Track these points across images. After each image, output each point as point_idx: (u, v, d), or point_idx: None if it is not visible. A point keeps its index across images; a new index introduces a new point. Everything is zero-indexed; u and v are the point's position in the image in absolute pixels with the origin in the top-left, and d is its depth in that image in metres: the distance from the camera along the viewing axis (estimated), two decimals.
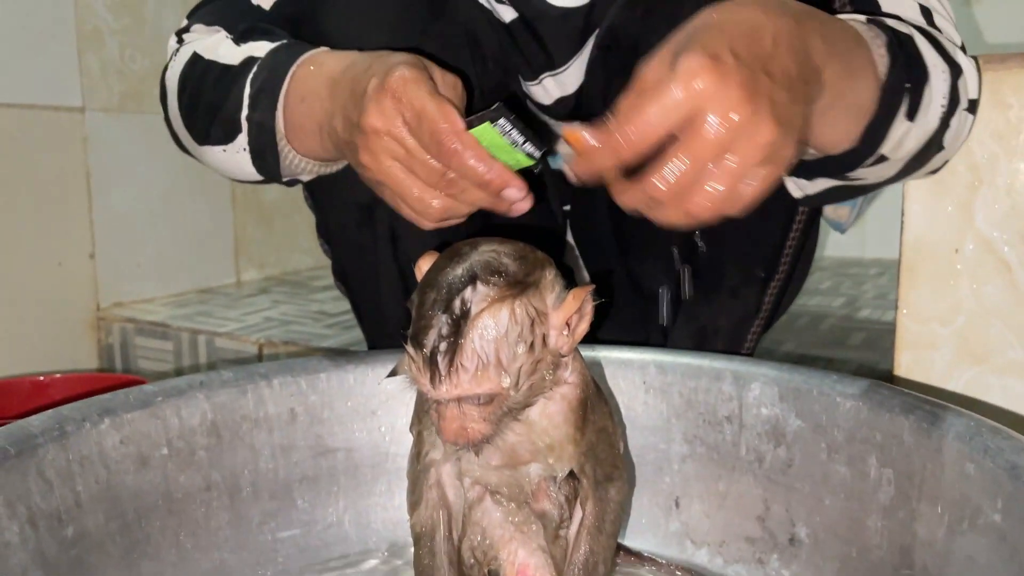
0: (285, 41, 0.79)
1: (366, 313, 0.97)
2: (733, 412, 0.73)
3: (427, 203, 0.64)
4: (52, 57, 1.58)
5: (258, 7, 0.87)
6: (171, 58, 0.86)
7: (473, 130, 0.61)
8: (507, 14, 0.90)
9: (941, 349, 0.90)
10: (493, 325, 0.51)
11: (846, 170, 0.72)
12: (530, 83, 0.94)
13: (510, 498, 0.61)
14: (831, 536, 0.67)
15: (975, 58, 0.78)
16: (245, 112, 0.77)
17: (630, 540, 0.76)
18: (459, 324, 0.50)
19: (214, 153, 0.82)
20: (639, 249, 0.94)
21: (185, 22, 0.89)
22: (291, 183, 0.83)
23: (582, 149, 0.54)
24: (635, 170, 0.54)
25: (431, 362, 0.50)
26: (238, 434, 0.72)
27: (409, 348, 0.52)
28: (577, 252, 0.99)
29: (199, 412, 0.70)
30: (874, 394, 0.65)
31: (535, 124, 0.63)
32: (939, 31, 0.75)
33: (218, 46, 0.81)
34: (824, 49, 0.57)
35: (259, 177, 0.81)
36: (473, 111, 0.62)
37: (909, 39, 0.69)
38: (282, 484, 0.75)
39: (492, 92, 0.91)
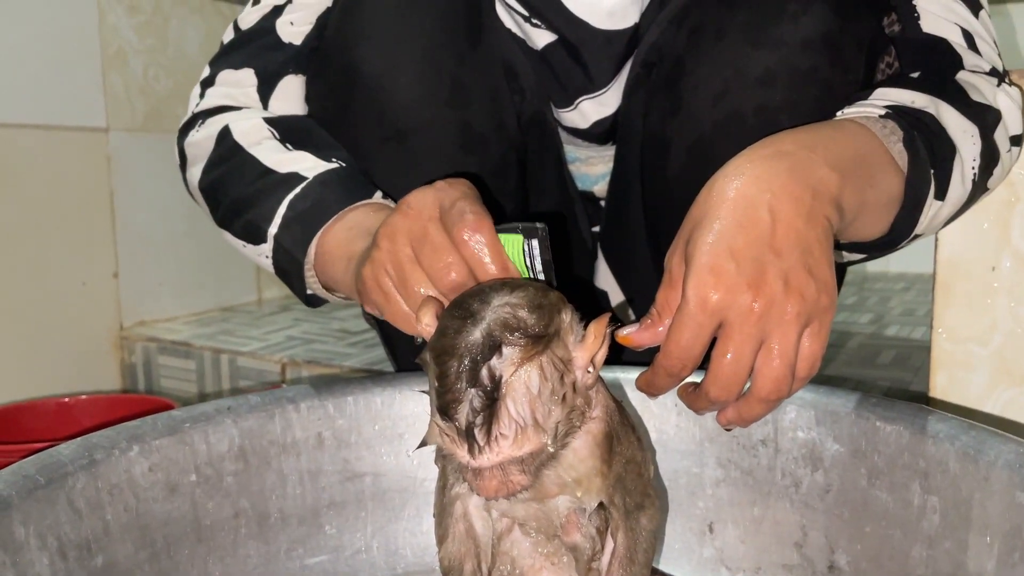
0: (335, 167, 0.76)
1: (402, 353, 0.94)
2: (768, 436, 0.72)
3: (417, 299, 0.58)
4: (76, 78, 1.59)
5: (289, 44, 0.85)
6: (196, 122, 0.84)
7: (501, 235, 0.58)
8: (540, 39, 0.88)
9: (978, 370, 0.88)
10: (525, 389, 0.49)
11: (878, 251, 0.71)
12: (563, 110, 0.92)
13: (539, 530, 0.60)
14: (873, 565, 0.65)
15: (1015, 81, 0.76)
16: (274, 230, 0.75)
17: (663, 566, 0.75)
18: (492, 395, 0.49)
19: (234, 242, 0.81)
20: None
21: (208, 71, 0.87)
22: (314, 302, 0.79)
23: (634, 346, 0.58)
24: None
25: (468, 435, 0.49)
26: (266, 459, 0.72)
27: (440, 422, 0.50)
28: (610, 272, 0.97)
29: (227, 438, 0.69)
30: (916, 419, 0.63)
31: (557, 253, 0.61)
32: (980, 55, 0.74)
33: (261, 140, 0.79)
34: (836, 178, 0.57)
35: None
36: None
37: (930, 119, 0.67)
38: (310, 510, 0.74)
39: (530, 122, 0.90)
